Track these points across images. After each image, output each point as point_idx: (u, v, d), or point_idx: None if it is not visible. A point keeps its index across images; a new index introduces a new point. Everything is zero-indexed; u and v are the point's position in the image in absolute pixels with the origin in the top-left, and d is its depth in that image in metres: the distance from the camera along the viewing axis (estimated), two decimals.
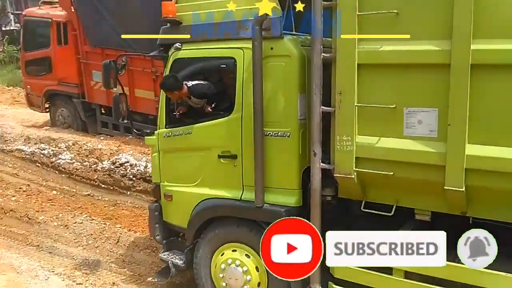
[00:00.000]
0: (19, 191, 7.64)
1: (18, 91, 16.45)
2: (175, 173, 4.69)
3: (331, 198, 4.01)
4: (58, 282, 5.23)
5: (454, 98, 3.12)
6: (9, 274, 5.33)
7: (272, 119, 3.98)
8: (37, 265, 5.60)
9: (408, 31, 3.25)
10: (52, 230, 6.54)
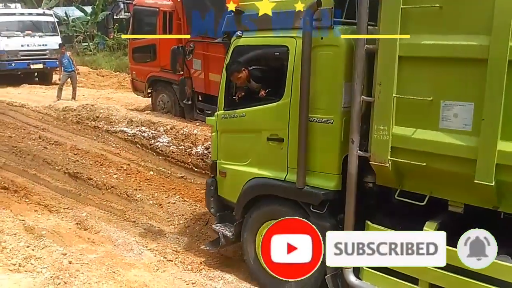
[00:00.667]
0: (120, 170, 8.06)
1: (124, 76, 17.85)
2: (229, 152, 5.06)
3: (372, 185, 4.14)
4: (150, 257, 5.39)
5: (489, 94, 3.15)
6: (107, 246, 5.62)
7: (318, 106, 4.20)
8: (132, 240, 5.83)
9: (449, 25, 3.31)
10: (148, 208, 6.86)
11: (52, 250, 4.96)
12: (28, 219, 6.11)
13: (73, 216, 6.50)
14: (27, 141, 9.42)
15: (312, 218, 4.31)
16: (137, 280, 4.58)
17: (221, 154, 5.15)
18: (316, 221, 4.25)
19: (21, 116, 11.03)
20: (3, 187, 7.36)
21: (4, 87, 15.90)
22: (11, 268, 4.49)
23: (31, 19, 17.76)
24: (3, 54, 16.52)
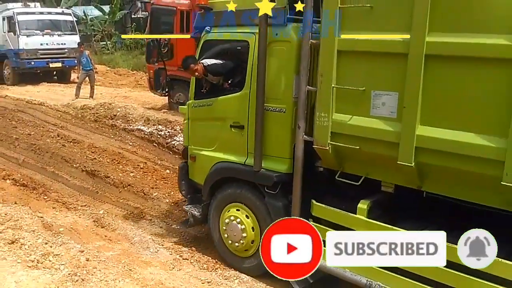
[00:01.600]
0: (137, 168, 8.16)
1: (141, 75, 18.15)
2: (198, 139, 5.49)
3: (322, 169, 4.55)
4: (166, 255, 5.38)
5: (409, 84, 3.55)
6: (123, 243, 5.65)
7: (273, 96, 4.61)
8: (148, 238, 5.83)
9: (378, 23, 3.71)
10: (164, 206, 6.94)
11: (70, 247, 5.02)
12: (46, 216, 6.16)
13: (90, 214, 6.58)
14: (45, 139, 9.57)
15: (267, 198, 4.75)
16: (153, 278, 4.60)
17: (191, 140, 5.58)
18: (270, 201, 4.71)
19: (40, 114, 11.16)
20: (22, 184, 7.47)
21: (24, 85, 16.28)
22: (29, 264, 4.52)
23: (50, 18, 18.14)
24: (23, 53, 16.85)
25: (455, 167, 3.46)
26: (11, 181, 7.56)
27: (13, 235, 4.97)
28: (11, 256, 4.60)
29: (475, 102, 3.31)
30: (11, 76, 17.27)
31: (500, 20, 3.14)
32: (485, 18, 3.20)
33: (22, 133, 9.82)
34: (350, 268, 4.13)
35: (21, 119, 10.67)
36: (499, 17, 3.15)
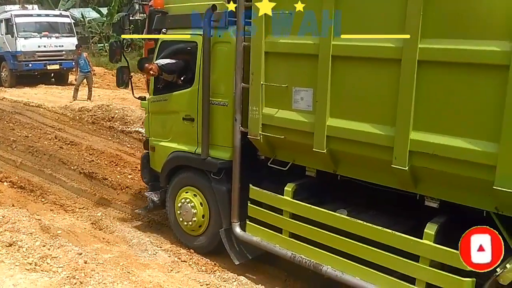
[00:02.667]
0: (135, 170, 8.05)
1: (139, 77, 18.27)
2: (157, 130, 6.04)
3: (264, 157, 5.08)
4: (165, 257, 5.38)
5: (320, 81, 4.09)
6: (121, 246, 5.63)
7: (217, 91, 5.15)
8: (147, 240, 5.81)
9: (295, 27, 4.23)
10: (162, 209, 6.57)
11: (68, 249, 4.98)
12: (44, 218, 6.13)
13: (88, 216, 6.56)
14: (43, 141, 9.58)
15: (213, 183, 5.30)
16: (151, 281, 4.59)
17: (151, 132, 6.14)
18: (216, 185, 5.27)
19: (38, 116, 11.19)
20: (20, 187, 7.45)
21: (21, 87, 16.42)
22: (27, 267, 4.50)
23: (48, 20, 18.24)
24: (20, 55, 16.95)
25: (358, 153, 4.01)
26: (8, 183, 7.56)
27: (10, 237, 5.01)
28: (9, 259, 4.61)
29: (373, 96, 3.83)
30: (9, 78, 17.39)
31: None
32: (382, 21, 3.69)
33: (19, 135, 9.86)
34: (278, 243, 4.70)
35: (19, 121, 10.74)
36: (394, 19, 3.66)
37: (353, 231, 4.09)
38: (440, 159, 3.48)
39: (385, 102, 3.73)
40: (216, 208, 5.30)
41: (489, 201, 3.42)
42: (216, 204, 5.31)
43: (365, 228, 4.04)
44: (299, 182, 4.68)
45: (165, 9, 5.70)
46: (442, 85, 3.41)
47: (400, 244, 3.83)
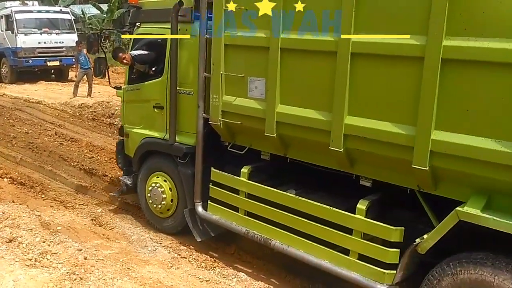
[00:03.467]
0: None
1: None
2: (130, 118, 6.44)
3: (228, 143, 5.47)
4: (164, 254, 5.38)
5: (270, 72, 4.48)
6: (121, 242, 5.62)
7: (183, 81, 5.54)
8: (147, 236, 5.82)
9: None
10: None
11: (68, 245, 5.01)
12: (44, 214, 6.15)
13: (88, 212, 6.53)
14: (43, 137, 9.64)
15: (179, 167, 5.69)
16: (151, 277, 4.62)
17: (125, 120, 6.53)
18: (182, 169, 5.66)
19: (38, 113, 11.23)
20: (20, 183, 7.45)
21: (21, 83, 16.51)
22: (27, 263, 4.52)
23: (48, 17, 18.20)
24: (20, 51, 16.98)
25: (303, 137, 4.42)
26: (8, 179, 7.57)
27: (10, 233, 5.05)
28: (9, 254, 4.65)
29: (313, 85, 4.23)
30: (9, 75, 17.46)
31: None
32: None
33: (19, 132, 9.90)
34: (235, 221, 5.10)
35: (19, 118, 10.77)
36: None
37: (299, 208, 4.49)
38: (369, 141, 3.88)
39: (324, 90, 4.12)
40: (183, 192, 5.69)
41: (412, 179, 3.82)
42: (183, 187, 5.70)
43: (308, 205, 4.44)
44: (255, 165, 5.07)
45: (139, 4, 6.08)
46: (369, 76, 3.82)
47: (336, 219, 4.24)
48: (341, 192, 4.54)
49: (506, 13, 3.12)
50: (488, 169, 3.32)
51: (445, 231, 3.56)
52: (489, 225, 3.33)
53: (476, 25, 3.22)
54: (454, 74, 3.37)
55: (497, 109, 3.23)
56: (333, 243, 4.33)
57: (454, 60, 3.34)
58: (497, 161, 3.24)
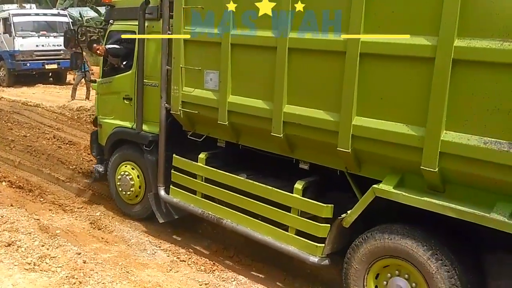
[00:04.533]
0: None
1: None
2: (103, 109, 6.88)
3: (189, 132, 5.90)
4: (164, 257, 5.38)
5: (222, 65, 4.93)
6: (120, 245, 5.62)
7: (149, 74, 5.99)
8: (146, 240, 5.83)
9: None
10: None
11: (67, 249, 5.01)
12: (43, 218, 6.17)
13: (87, 216, 6.52)
14: (41, 141, 9.67)
15: (145, 154, 6.12)
16: (150, 280, 4.61)
17: (99, 111, 6.97)
18: (147, 156, 6.09)
19: (36, 116, 11.24)
20: (18, 186, 7.41)
21: (19, 87, 16.55)
22: (26, 267, 4.51)
23: (46, 20, 18.16)
24: (18, 54, 16.87)
25: (250, 125, 4.86)
26: (7, 183, 7.53)
27: (9, 237, 5.06)
28: (8, 258, 4.66)
29: (258, 77, 4.68)
30: (7, 78, 17.40)
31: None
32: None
33: (17, 135, 9.94)
34: (193, 203, 5.54)
35: (17, 121, 10.81)
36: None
37: (248, 190, 4.93)
38: (304, 127, 4.33)
39: (266, 82, 4.56)
40: (150, 179, 6.12)
41: (340, 162, 4.27)
42: (148, 174, 6.13)
43: (255, 187, 4.89)
44: (211, 151, 5.51)
45: (112, 3, 6.52)
46: (303, 68, 4.26)
47: (278, 198, 4.68)
48: (286, 176, 4.98)
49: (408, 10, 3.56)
50: (399, 151, 3.76)
51: (364, 206, 4.00)
52: (398, 200, 3.79)
53: (387, 22, 3.67)
54: (371, 67, 3.81)
55: (404, 97, 3.67)
56: (275, 221, 4.76)
57: (370, 54, 3.79)
58: (405, 143, 3.68)
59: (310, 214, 4.55)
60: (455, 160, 3.46)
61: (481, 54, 3.22)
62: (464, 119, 3.39)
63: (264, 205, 4.79)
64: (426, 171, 3.60)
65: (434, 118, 3.48)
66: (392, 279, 3.98)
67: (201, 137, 5.55)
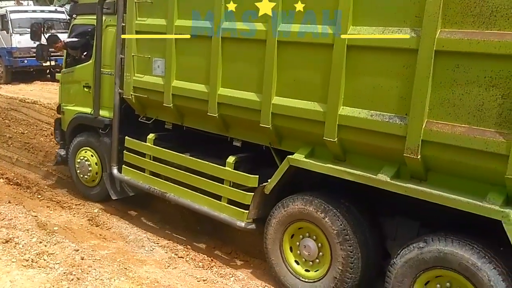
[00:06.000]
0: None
1: None
2: (66, 97, 7.39)
3: (142, 117, 6.43)
4: (162, 253, 5.39)
5: (168, 53, 5.49)
6: (118, 242, 5.63)
7: (106, 64, 6.52)
8: (144, 236, 5.84)
9: (153, 12, 5.64)
10: (161, 206, 6.78)
11: (65, 246, 5.01)
12: (41, 215, 6.16)
13: (85, 212, 6.52)
14: (39, 138, 9.69)
15: (101, 137, 6.64)
16: (148, 277, 4.63)
17: (62, 99, 7.47)
18: (103, 139, 6.61)
19: (34, 113, 11.21)
20: (16, 183, 7.41)
21: (17, 84, 16.50)
22: (24, 264, 4.51)
23: (43, 17, 16.93)
24: (16, 51, 16.76)
25: (191, 107, 5.42)
26: (4, 180, 7.54)
27: (7, 234, 5.06)
28: (6, 255, 4.66)
29: (197, 65, 5.25)
30: (4, 75, 17.33)
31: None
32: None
33: (15, 132, 9.94)
34: (141, 180, 6.07)
35: (15, 118, 10.76)
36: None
37: (188, 165, 5.50)
38: (234, 107, 4.91)
39: (203, 68, 5.13)
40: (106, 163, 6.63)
41: (265, 138, 4.86)
42: (104, 157, 6.65)
43: (194, 163, 5.45)
44: (159, 133, 6.07)
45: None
46: (234, 55, 4.85)
47: (213, 172, 5.24)
48: (223, 153, 5.53)
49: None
50: (308, 125, 4.35)
51: (281, 174, 4.59)
52: (307, 167, 4.39)
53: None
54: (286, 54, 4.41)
55: (311, 79, 4.28)
56: (212, 193, 5.31)
57: (284, 42, 4.39)
58: (312, 118, 4.27)
59: (243, 186, 5.11)
60: (350, 131, 4.07)
61: (367, 41, 3.85)
62: (356, 96, 4.00)
63: (202, 178, 5.35)
64: (328, 142, 4.20)
65: (333, 96, 4.08)
66: (303, 239, 4.58)
67: (150, 120, 6.09)
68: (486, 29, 3.30)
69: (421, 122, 3.59)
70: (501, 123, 3.28)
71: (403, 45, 3.65)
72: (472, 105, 3.39)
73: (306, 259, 4.58)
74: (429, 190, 3.66)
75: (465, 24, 3.38)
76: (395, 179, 3.88)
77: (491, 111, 3.31)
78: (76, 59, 7.12)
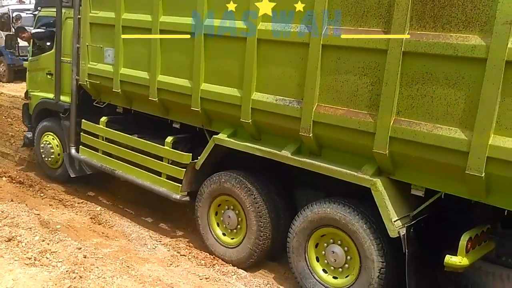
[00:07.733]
0: None
1: None
2: (32, 84, 7.95)
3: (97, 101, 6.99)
4: (164, 251, 5.40)
5: (116, 43, 6.06)
6: (121, 240, 5.64)
7: (66, 53, 7.08)
8: (146, 234, 5.86)
9: (106, 6, 6.20)
10: (164, 204, 6.62)
11: (67, 244, 5.02)
12: (43, 213, 6.16)
13: (87, 211, 6.53)
14: None
15: (62, 121, 7.22)
16: (151, 275, 4.63)
17: (29, 85, 8.03)
18: (63, 122, 7.18)
19: None
20: (19, 181, 7.39)
21: (19, 82, 15.84)
22: (26, 262, 4.51)
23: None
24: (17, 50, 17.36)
25: (137, 92, 6.01)
26: (7, 178, 7.50)
27: (10, 232, 5.06)
28: (8, 253, 4.65)
29: (140, 53, 5.83)
30: (7, 73, 16.89)
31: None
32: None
33: (18, 130, 9.97)
34: (95, 159, 6.68)
35: (17, 116, 10.66)
36: None
37: (135, 145, 6.11)
38: (171, 93, 5.50)
39: (145, 57, 5.72)
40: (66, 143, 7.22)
41: (198, 120, 5.46)
42: (64, 139, 7.23)
43: (139, 143, 6.06)
44: (111, 116, 6.67)
45: None
46: (170, 47, 5.44)
47: (154, 150, 5.85)
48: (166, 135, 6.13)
49: None
50: (229, 108, 4.95)
51: (208, 152, 5.21)
52: (227, 145, 5.01)
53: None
54: (211, 46, 5.01)
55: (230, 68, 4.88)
56: (154, 170, 5.92)
57: (209, 35, 4.98)
58: (231, 102, 4.88)
59: (182, 164, 5.72)
60: (261, 114, 4.68)
61: (270, 34, 4.45)
62: (265, 83, 4.61)
63: (146, 157, 5.96)
64: (244, 123, 4.81)
65: (247, 83, 4.69)
66: (225, 211, 5.25)
67: (104, 104, 6.68)
68: (359, 27, 3.91)
69: (312, 106, 4.21)
70: (371, 106, 3.90)
71: (298, 40, 4.25)
72: (350, 91, 4.01)
73: (228, 228, 5.24)
74: (318, 163, 4.30)
75: (344, 22, 3.99)
76: (295, 154, 4.51)
77: (363, 96, 3.94)
78: (41, 48, 7.66)
